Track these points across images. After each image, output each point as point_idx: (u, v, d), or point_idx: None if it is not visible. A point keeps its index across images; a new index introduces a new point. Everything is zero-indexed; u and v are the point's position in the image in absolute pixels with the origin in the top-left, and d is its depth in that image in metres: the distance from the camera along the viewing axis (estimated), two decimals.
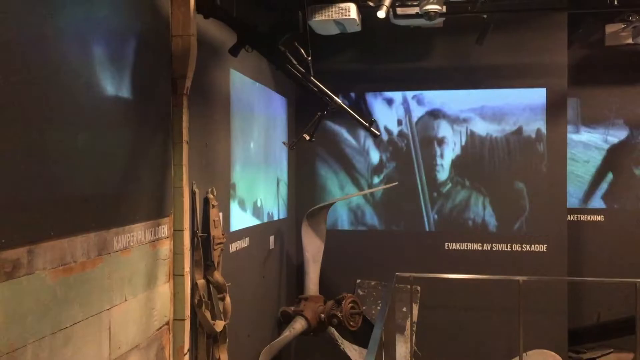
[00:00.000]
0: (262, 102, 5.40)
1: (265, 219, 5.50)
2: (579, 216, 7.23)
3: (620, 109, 7.15)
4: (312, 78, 3.74)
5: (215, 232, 3.97)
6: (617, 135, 7.15)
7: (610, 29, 6.65)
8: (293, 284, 6.52)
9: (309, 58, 3.69)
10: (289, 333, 5.43)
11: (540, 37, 6.41)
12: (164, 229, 3.36)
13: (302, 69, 3.72)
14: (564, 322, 6.34)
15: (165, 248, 3.38)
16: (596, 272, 6.89)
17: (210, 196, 4.00)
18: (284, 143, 4.13)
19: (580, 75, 7.01)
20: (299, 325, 5.53)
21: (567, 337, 6.36)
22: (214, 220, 3.97)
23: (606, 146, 7.17)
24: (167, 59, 3.39)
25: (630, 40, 6.55)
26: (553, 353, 6.16)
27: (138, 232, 3.04)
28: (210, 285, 3.95)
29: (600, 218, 7.25)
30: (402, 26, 6.07)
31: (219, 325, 3.86)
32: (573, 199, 7.12)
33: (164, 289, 3.36)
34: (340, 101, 3.85)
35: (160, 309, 3.31)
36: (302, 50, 3.68)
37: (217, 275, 3.94)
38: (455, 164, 6.62)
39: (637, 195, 7.13)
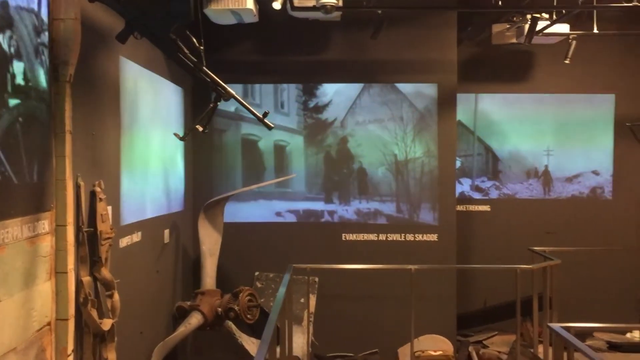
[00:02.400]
0: (155, 92, 5.22)
1: (159, 212, 5.34)
2: (467, 206, 7.60)
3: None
4: (204, 68, 3.65)
5: (103, 226, 3.80)
6: None
7: (496, 28, 7.02)
8: (189, 279, 6.39)
9: (201, 47, 3.59)
10: (184, 328, 5.32)
11: (432, 34, 6.65)
12: (45, 225, 3.17)
13: (194, 59, 3.62)
14: (453, 307, 6.64)
15: (46, 244, 3.18)
16: (484, 259, 7.29)
17: (97, 189, 3.82)
18: (175, 135, 4.01)
19: (469, 71, 7.35)
20: (194, 320, 5.43)
21: (456, 322, 6.67)
22: (101, 215, 3.80)
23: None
24: (44, 43, 3.18)
25: (514, 40, 6.94)
26: (443, 337, 6.46)
27: (14, 228, 2.84)
28: (98, 283, 3.78)
29: (487, 208, 7.66)
30: (300, 18, 6.10)
31: (107, 323, 3.71)
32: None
33: (45, 287, 3.17)
34: (233, 92, 3.79)
35: (41, 309, 3.12)
36: (194, 39, 3.58)
37: (105, 272, 3.78)
38: (352, 154, 6.74)
39: (517, 186, 7.59)
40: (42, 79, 3.16)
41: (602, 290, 7.32)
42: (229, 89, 3.77)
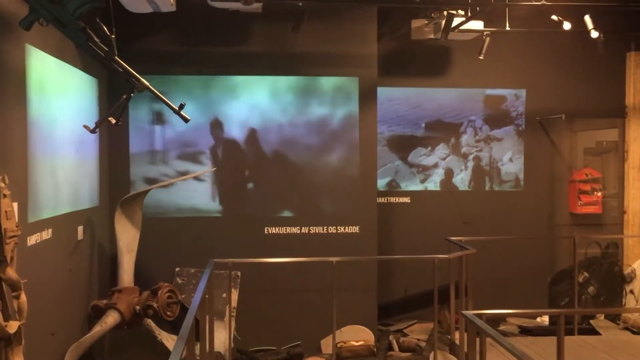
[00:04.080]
0: (66, 82, 4.99)
1: (72, 208, 5.12)
2: (388, 198, 7.75)
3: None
4: (116, 57, 3.51)
5: (8, 224, 3.59)
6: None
7: (415, 24, 7.16)
8: (106, 276, 6.17)
9: (113, 36, 3.45)
10: (99, 328, 5.14)
11: (353, 28, 6.71)
12: None
13: (105, 48, 3.47)
14: (374, 298, 6.77)
15: None
16: (404, 249, 7.45)
17: (1, 184, 3.60)
18: (85, 127, 3.84)
19: (389, 66, 7.48)
20: (111, 319, 5.26)
21: (377, 312, 6.80)
22: (5, 212, 3.59)
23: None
24: None
25: (432, 35, 7.10)
26: (364, 327, 6.57)
27: None
28: (3, 283, 3.58)
29: (407, 200, 7.83)
30: (219, 9, 6.00)
31: (13, 326, 3.51)
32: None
33: None
34: (147, 83, 3.67)
35: None
36: (105, 28, 3.44)
37: (11, 272, 3.57)
38: (274, 148, 6.71)
39: (439, 177, 7.83)
40: None
41: (515, 277, 7.66)
42: (143, 80, 3.64)
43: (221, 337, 6.07)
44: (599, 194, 8.05)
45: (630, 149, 8.00)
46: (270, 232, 6.69)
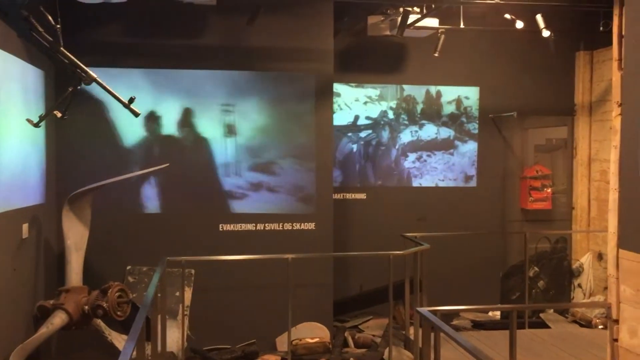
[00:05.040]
0: (10, 74, 4.77)
1: (15, 205, 4.91)
2: (344, 195, 7.74)
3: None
4: (61, 49, 3.37)
5: None
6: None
7: (371, 20, 7.16)
8: (53, 276, 5.97)
9: (58, 26, 3.31)
10: (46, 329, 4.96)
11: (309, 23, 6.66)
12: None
13: (49, 38, 3.33)
14: (330, 294, 6.75)
15: None
16: (360, 246, 7.45)
17: None
18: (28, 121, 3.68)
19: (346, 62, 7.46)
20: (58, 319, 5.07)
21: (333, 308, 6.79)
22: None
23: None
24: None
25: (388, 32, 7.11)
26: (320, 324, 6.55)
27: None
28: None
29: (363, 196, 7.84)
30: (173, 0, 5.86)
31: None
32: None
33: None
34: (95, 75, 3.53)
35: None
36: (50, 17, 3.29)
37: None
38: (230, 145, 6.61)
39: (392, 175, 7.87)
40: None
41: (468, 272, 7.77)
42: (90, 72, 3.51)
43: (174, 337, 5.95)
44: (549, 190, 8.23)
45: (578, 146, 8.21)
46: (225, 229, 6.59)
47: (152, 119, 6.44)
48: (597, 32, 6.99)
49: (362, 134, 7.85)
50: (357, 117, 7.82)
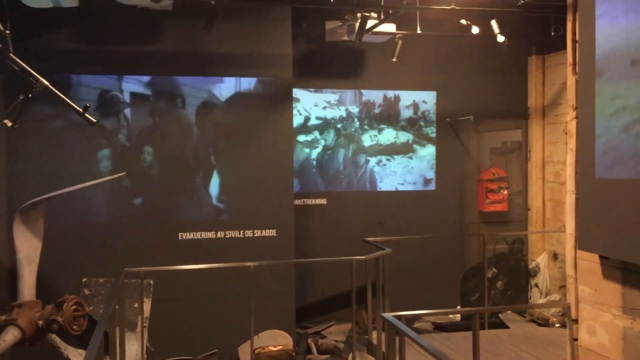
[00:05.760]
0: None
1: None
2: (305, 200, 7.70)
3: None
4: (11, 55, 3.24)
5: None
6: None
7: (329, 25, 7.16)
8: (4, 290, 5.75)
9: (7, 32, 3.18)
10: None
11: (267, 28, 6.62)
12: None
13: None
14: (292, 301, 6.71)
15: None
16: (322, 251, 7.42)
17: None
18: None
19: (305, 67, 7.44)
20: (10, 336, 4.87)
21: (295, 315, 6.74)
22: None
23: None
24: None
25: (346, 37, 7.12)
26: (282, 332, 6.50)
27: None
28: None
29: (323, 201, 7.82)
30: (127, 6, 5.72)
31: None
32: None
33: None
34: (47, 83, 3.41)
35: None
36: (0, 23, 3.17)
37: None
38: (186, 151, 6.50)
39: (352, 180, 7.88)
40: None
41: (429, 274, 7.84)
42: (42, 79, 3.38)
43: (133, 349, 5.80)
44: (505, 192, 8.39)
45: (532, 149, 8.39)
46: (184, 237, 6.48)
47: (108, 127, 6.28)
48: (548, 37, 7.17)
49: (321, 140, 7.82)
50: (307, 119, 7.76)
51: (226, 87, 6.57)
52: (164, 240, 6.40)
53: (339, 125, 7.86)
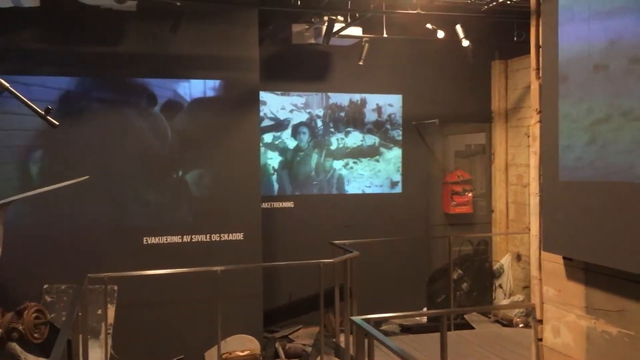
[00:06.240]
0: None
1: None
2: (272, 203, 7.67)
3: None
4: None
5: None
6: None
7: (296, 28, 7.16)
8: None
9: None
10: None
11: (233, 31, 6.57)
12: None
13: None
14: (259, 305, 6.66)
15: None
16: (289, 254, 7.39)
17: None
18: None
19: (271, 70, 7.41)
20: None
21: (263, 319, 6.70)
22: None
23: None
24: None
25: (313, 40, 7.13)
26: (250, 337, 6.45)
27: None
28: None
29: (290, 204, 7.80)
30: (90, 6, 5.63)
31: None
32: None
33: None
34: (7, 84, 3.29)
35: None
36: None
37: None
38: (151, 154, 6.40)
39: (320, 183, 7.88)
40: None
41: (396, 277, 7.89)
42: (2, 80, 3.27)
43: (97, 357, 5.68)
44: (470, 194, 8.50)
45: (496, 152, 8.53)
46: (149, 242, 6.37)
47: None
48: (511, 42, 7.30)
49: (289, 143, 7.80)
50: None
51: (192, 89, 6.50)
52: (129, 245, 6.28)
53: (306, 129, 7.85)
